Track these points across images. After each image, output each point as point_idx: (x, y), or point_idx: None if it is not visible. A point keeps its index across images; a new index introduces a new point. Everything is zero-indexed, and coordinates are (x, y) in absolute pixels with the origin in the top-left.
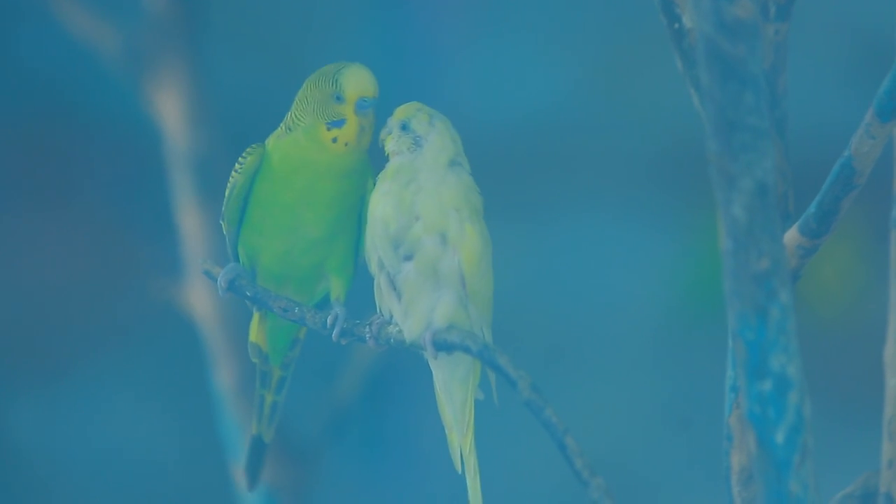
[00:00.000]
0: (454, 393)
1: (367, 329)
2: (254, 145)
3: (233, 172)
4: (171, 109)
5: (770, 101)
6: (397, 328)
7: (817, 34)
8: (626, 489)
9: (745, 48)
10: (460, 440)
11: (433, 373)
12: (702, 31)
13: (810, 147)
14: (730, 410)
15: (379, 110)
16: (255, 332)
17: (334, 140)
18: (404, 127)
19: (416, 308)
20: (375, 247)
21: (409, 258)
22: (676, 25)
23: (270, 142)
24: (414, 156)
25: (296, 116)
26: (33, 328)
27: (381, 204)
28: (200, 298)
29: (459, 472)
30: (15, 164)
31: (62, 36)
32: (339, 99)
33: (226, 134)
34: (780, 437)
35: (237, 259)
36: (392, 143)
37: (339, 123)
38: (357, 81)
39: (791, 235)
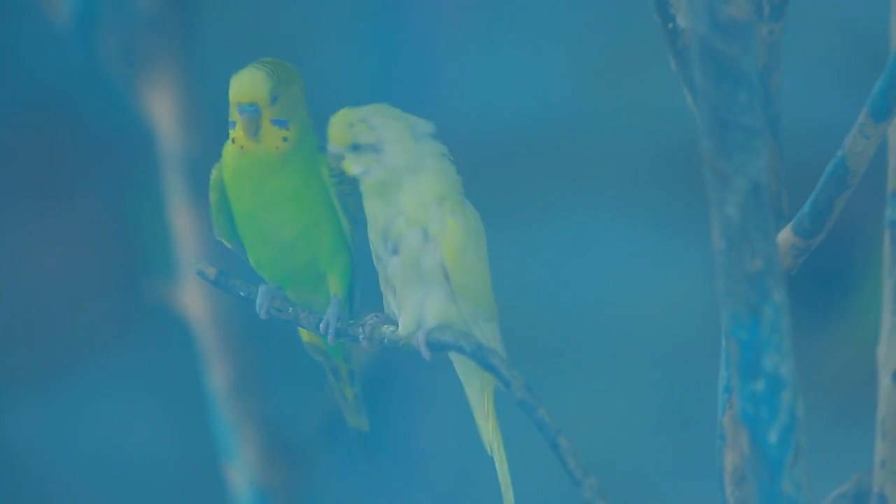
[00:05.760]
0: (471, 379)
1: (361, 330)
2: (218, 161)
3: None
4: (164, 110)
5: (764, 100)
6: (391, 328)
7: (811, 34)
8: (619, 489)
9: (739, 48)
10: (484, 425)
11: (453, 360)
12: (695, 30)
13: (804, 147)
14: (723, 410)
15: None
16: (307, 333)
17: (233, 140)
18: (355, 148)
19: (407, 302)
20: (373, 241)
21: (396, 252)
22: (670, 25)
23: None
24: (383, 162)
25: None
26: (26, 329)
27: (370, 202)
28: (194, 299)
29: (490, 454)
30: (8, 165)
31: (57, 36)
32: (230, 103)
33: (219, 135)
34: (773, 437)
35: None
36: (355, 167)
37: (233, 124)
38: (236, 87)
39: (785, 235)
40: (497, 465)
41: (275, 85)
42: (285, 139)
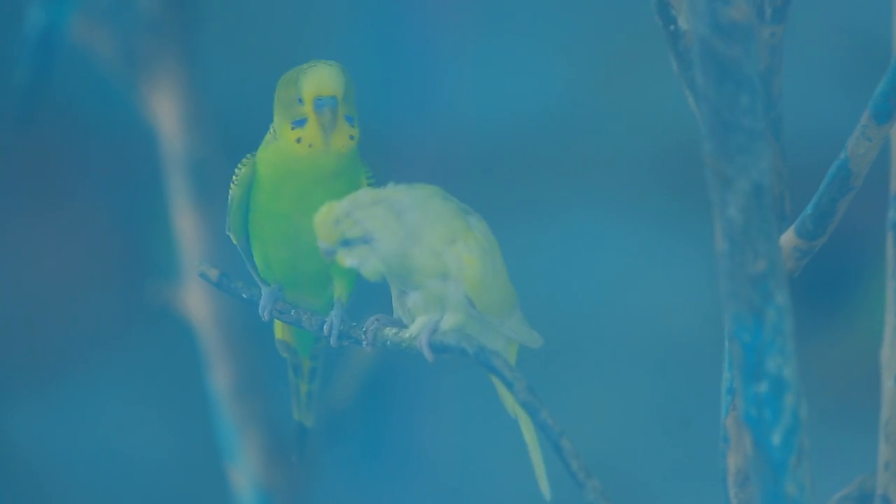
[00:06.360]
0: (494, 345)
1: (363, 333)
2: (248, 155)
3: (231, 185)
4: (167, 112)
5: (766, 102)
6: (394, 331)
7: (813, 36)
8: (623, 491)
9: (741, 50)
10: (511, 407)
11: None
12: (697, 32)
13: (807, 149)
14: (726, 412)
15: (375, 113)
16: (280, 330)
17: (298, 140)
18: (346, 244)
19: (424, 317)
20: (390, 281)
21: (417, 288)
22: (672, 27)
23: (260, 150)
24: (377, 251)
25: (274, 123)
26: (29, 330)
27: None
28: (197, 301)
29: (514, 418)
30: (11, 167)
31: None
32: (300, 101)
33: (222, 136)
34: (776, 439)
35: (255, 266)
36: (350, 260)
37: (301, 123)
38: (313, 80)
39: (787, 237)
40: (523, 430)
41: (347, 80)
42: (352, 137)
